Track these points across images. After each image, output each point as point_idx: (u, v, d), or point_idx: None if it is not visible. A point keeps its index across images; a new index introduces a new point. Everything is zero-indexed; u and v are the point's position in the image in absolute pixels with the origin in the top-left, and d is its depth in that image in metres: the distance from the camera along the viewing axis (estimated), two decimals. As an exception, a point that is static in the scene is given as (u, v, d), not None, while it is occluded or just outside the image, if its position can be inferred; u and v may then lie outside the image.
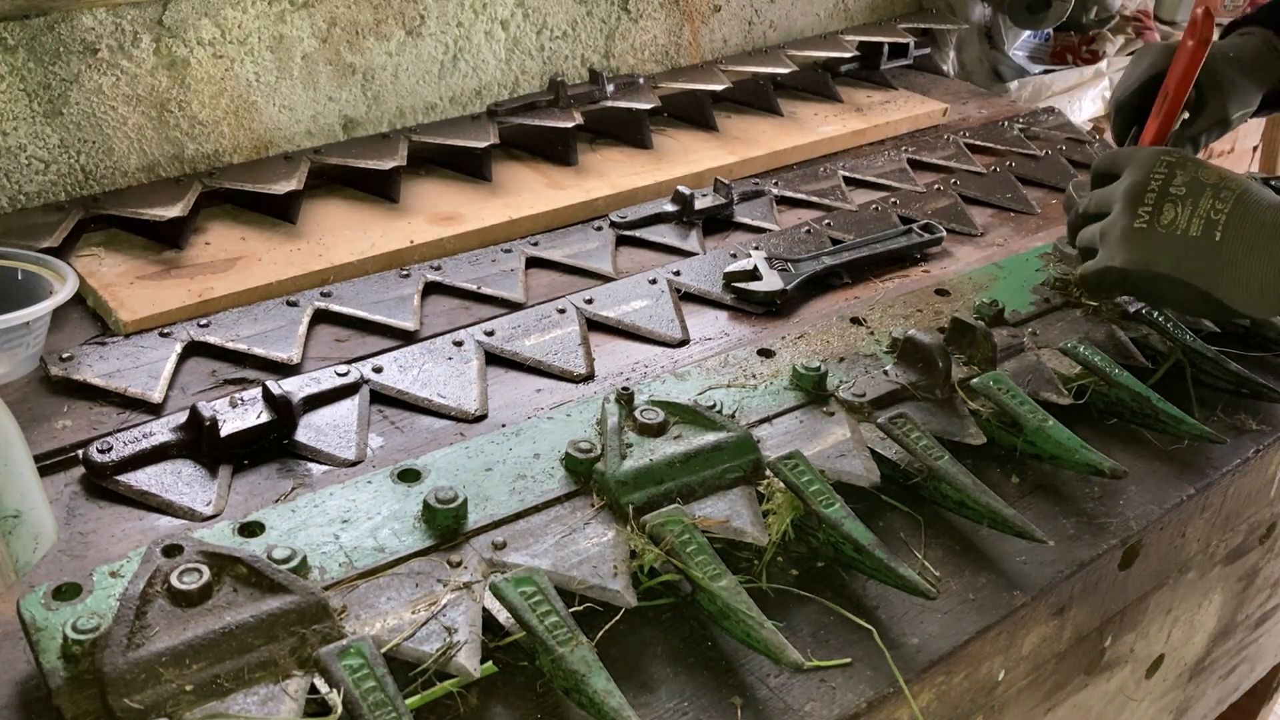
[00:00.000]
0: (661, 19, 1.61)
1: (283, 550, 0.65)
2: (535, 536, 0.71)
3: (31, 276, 0.98)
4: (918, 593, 0.70)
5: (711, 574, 0.68)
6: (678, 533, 0.70)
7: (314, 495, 0.73)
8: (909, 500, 0.83)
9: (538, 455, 0.78)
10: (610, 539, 0.71)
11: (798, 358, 0.92)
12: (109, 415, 0.89)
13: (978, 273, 1.11)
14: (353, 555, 0.68)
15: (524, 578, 0.65)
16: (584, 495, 0.75)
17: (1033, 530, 0.77)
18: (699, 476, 0.76)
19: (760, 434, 0.82)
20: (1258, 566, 1.13)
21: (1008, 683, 0.82)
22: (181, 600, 0.60)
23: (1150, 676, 1.06)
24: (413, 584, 0.66)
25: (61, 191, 1.18)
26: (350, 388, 0.92)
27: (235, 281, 1.08)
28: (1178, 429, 0.91)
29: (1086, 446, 0.84)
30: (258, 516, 0.70)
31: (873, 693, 0.68)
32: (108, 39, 1.16)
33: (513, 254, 1.18)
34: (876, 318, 1.01)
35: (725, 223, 1.30)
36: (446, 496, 0.70)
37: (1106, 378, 0.93)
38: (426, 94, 1.42)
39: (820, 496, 0.75)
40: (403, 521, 0.71)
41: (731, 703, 0.67)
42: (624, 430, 0.78)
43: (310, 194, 1.26)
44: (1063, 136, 1.58)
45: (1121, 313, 1.03)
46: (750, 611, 0.66)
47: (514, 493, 0.74)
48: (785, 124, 1.56)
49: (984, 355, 0.93)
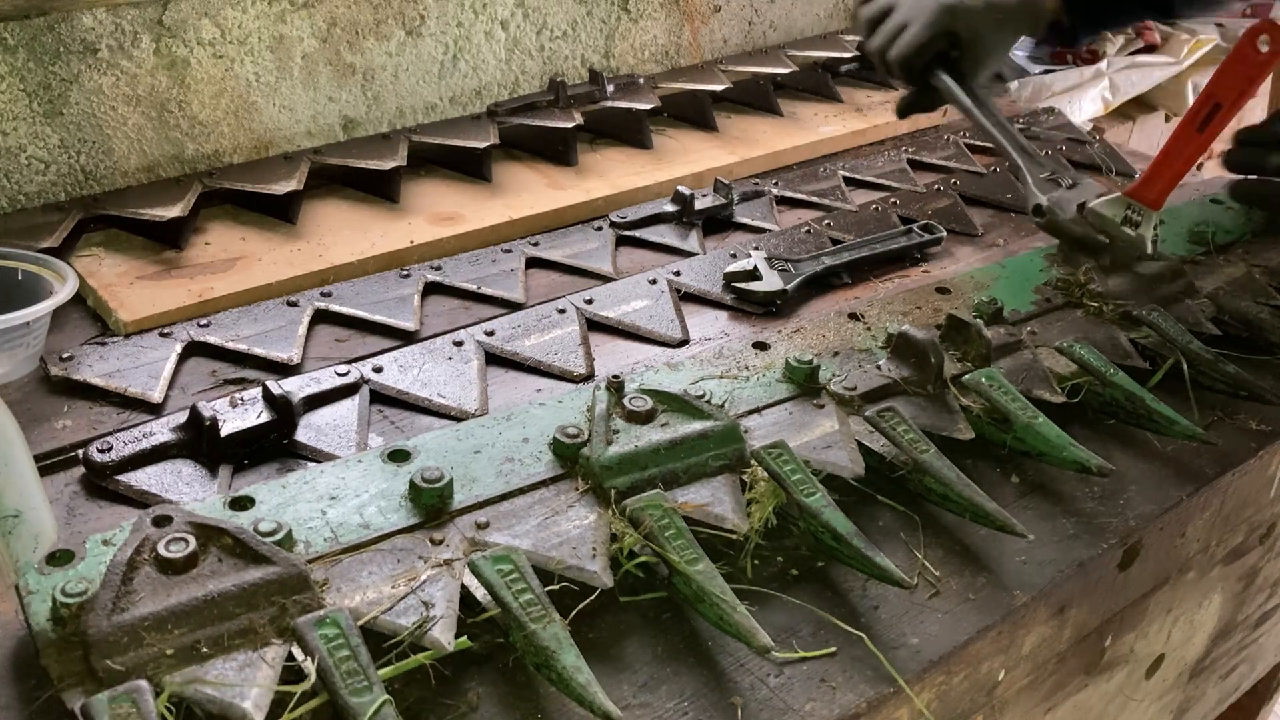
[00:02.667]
0: (661, 19, 1.61)
1: (269, 523, 0.66)
2: (518, 517, 0.72)
3: (31, 276, 0.98)
4: (894, 582, 0.70)
5: (688, 558, 0.69)
6: (657, 517, 0.71)
7: (305, 472, 0.74)
8: (906, 499, 0.83)
9: (527, 440, 0.79)
10: (592, 522, 0.72)
11: (792, 351, 0.92)
12: (109, 415, 0.89)
13: (980, 271, 1.11)
14: (338, 530, 0.69)
15: (502, 556, 0.66)
16: (570, 479, 0.76)
17: (1014, 524, 0.76)
18: (683, 463, 0.76)
19: (749, 424, 0.83)
20: (1258, 566, 1.13)
21: (1008, 683, 0.82)
22: (167, 568, 0.61)
23: (1150, 676, 1.06)
24: (394, 560, 0.67)
25: (61, 191, 1.18)
26: (350, 388, 0.92)
27: (235, 281, 1.08)
28: (1170, 430, 0.91)
29: (1074, 444, 0.84)
30: (249, 491, 0.71)
31: (873, 693, 0.68)
32: (108, 39, 1.16)
33: (513, 254, 1.18)
34: (875, 314, 1.01)
35: (725, 223, 1.30)
36: (433, 476, 0.71)
37: (1101, 377, 0.93)
38: (426, 94, 1.42)
39: (802, 486, 0.75)
40: (389, 500, 0.72)
41: (732, 702, 0.67)
42: (612, 417, 0.78)
43: (310, 194, 1.26)
44: (1063, 136, 1.58)
45: (1123, 314, 1.03)
46: (724, 595, 0.66)
47: (500, 475, 0.75)
48: (785, 124, 1.56)
49: (978, 352, 0.92)
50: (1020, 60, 2.05)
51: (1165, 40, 2.20)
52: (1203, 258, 1.16)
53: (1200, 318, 1.04)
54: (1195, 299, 1.07)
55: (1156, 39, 2.18)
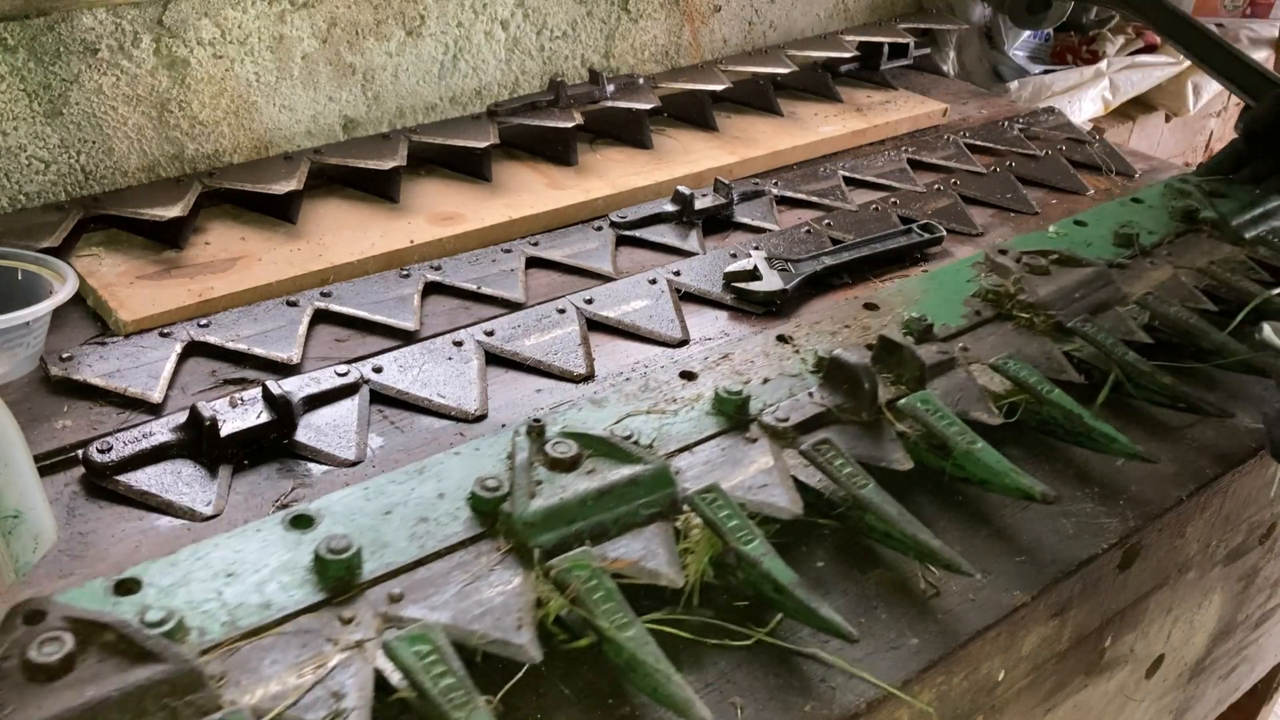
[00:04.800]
0: (661, 19, 1.61)
1: (157, 611, 0.60)
2: (436, 586, 0.66)
3: (31, 276, 0.98)
4: (839, 635, 0.67)
5: (619, 623, 0.63)
6: (584, 578, 0.65)
7: (198, 546, 0.68)
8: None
9: (442, 495, 0.73)
10: (516, 586, 0.66)
11: (720, 380, 0.87)
12: (109, 415, 0.89)
13: (908, 285, 1.07)
14: (236, 613, 0.62)
15: (419, 635, 0.60)
16: (491, 538, 0.70)
17: (960, 563, 0.73)
18: (613, 514, 0.71)
19: (679, 464, 0.78)
20: (1258, 566, 1.13)
21: (1008, 683, 0.82)
22: (40, 674, 0.54)
23: (1150, 676, 1.06)
24: (300, 644, 0.61)
25: (61, 191, 1.18)
26: (350, 388, 0.92)
27: (235, 281, 1.08)
28: (1110, 449, 0.87)
29: (1017, 470, 0.80)
30: (134, 572, 0.65)
31: (873, 693, 0.68)
32: (108, 39, 1.16)
33: (513, 254, 1.18)
34: (803, 335, 0.96)
35: (725, 223, 1.30)
36: (339, 546, 0.65)
37: (1038, 395, 0.89)
38: (426, 94, 1.42)
39: (739, 532, 0.70)
40: (293, 574, 0.65)
41: (732, 703, 0.67)
42: (534, 466, 0.73)
43: (310, 194, 1.26)
44: (1063, 137, 1.58)
45: (1055, 325, 0.99)
46: (658, 664, 0.62)
47: (414, 538, 0.69)
48: (785, 124, 1.56)
49: (912, 374, 0.88)
50: (1020, 60, 2.05)
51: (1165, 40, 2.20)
52: (1129, 261, 1.13)
53: (1133, 326, 1.01)
54: (1125, 306, 1.04)
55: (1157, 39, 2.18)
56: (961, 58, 1.94)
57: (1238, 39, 2.29)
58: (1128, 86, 2.08)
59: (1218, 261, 1.14)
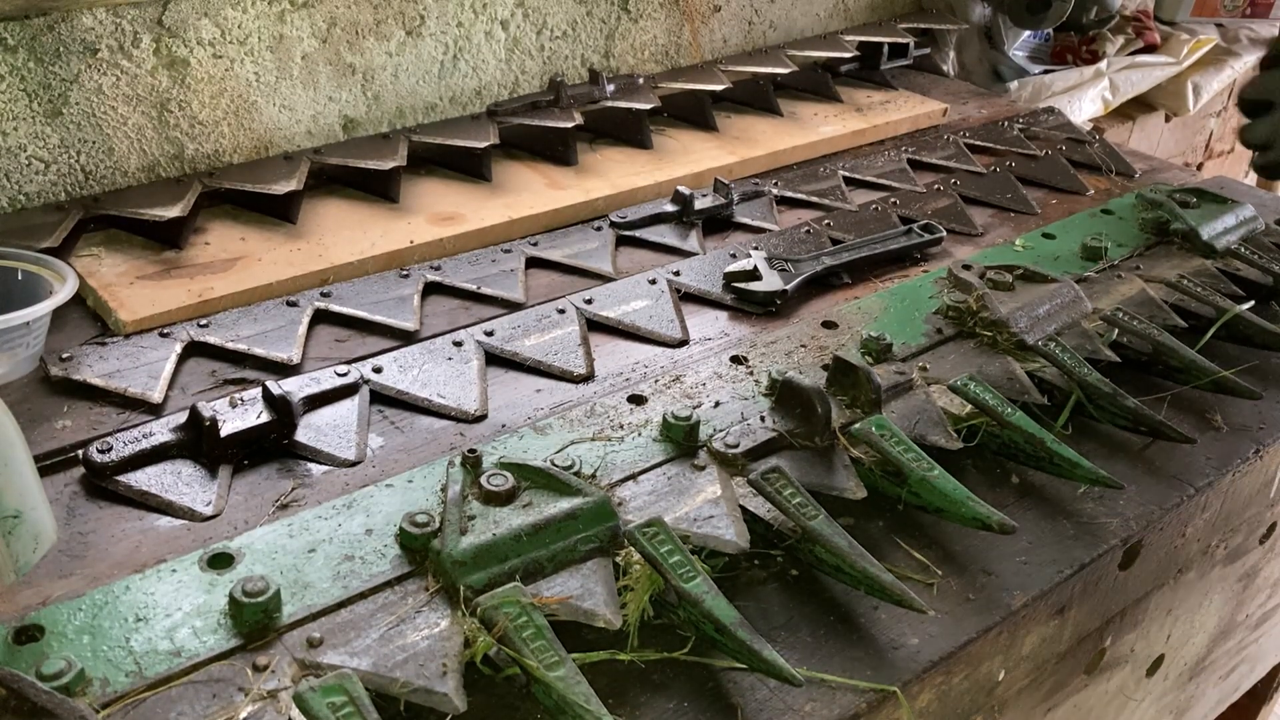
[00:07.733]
0: (661, 19, 1.61)
1: (56, 662, 0.57)
2: (358, 630, 0.63)
3: (31, 276, 0.98)
4: (782, 678, 0.64)
5: (547, 662, 0.61)
6: (513, 615, 0.62)
7: (109, 588, 0.64)
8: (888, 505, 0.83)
9: (370, 531, 0.70)
10: (443, 629, 0.63)
11: (670, 404, 0.84)
12: (109, 415, 0.89)
13: (868, 301, 1.05)
14: (143, 662, 0.59)
15: (333, 686, 0.57)
16: (419, 577, 0.67)
17: (912, 599, 0.70)
18: (549, 550, 0.68)
19: (623, 494, 0.75)
20: (1258, 566, 1.13)
21: (1008, 683, 0.82)
22: None
23: (1150, 676, 1.06)
24: (209, 694, 0.58)
25: (61, 191, 1.18)
26: (350, 388, 0.92)
27: (235, 281, 1.08)
28: (1073, 474, 0.84)
29: (973, 498, 0.78)
30: (38, 618, 0.61)
31: (873, 693, 0.68)
32: (108, 39, 1.16)
33: (513, 254, 1.18)
34: (757, 356, 0.93)
35: (725, 223, 1.30)
36: (255, 589, 0.62)
37: (999, 418, 0.86)
38: (426, 94, 1.42)
39: (681, 569, 0.67)
40: (206, 618, 0.62)
41: (732, 704, 0.67)
42: (467, 500, 0.70)
43: (310, 194, 1.26)
44: (1063, 136, 1.58)
45: (1017, 343, 0.96)
46: (589, 705, 0.59)
47: (338, 578, 0.66)
48: (785, 124, 1.56)
49: (867, 397, 0.85)
50: (1020, 60, 2.05)
51: (1165, 40, 2.20)
52: (1097, 275, 1.11)
53: (1099, 344, 0.98)
54: (1092, 322, 1.02)
55: (1156, 39, 2.18)
56: (961, 58, 1.94)
57: (1238, 39, 2.29)
58: (1128, 86, 2.08)
59: (1187, 275, 1.12)
